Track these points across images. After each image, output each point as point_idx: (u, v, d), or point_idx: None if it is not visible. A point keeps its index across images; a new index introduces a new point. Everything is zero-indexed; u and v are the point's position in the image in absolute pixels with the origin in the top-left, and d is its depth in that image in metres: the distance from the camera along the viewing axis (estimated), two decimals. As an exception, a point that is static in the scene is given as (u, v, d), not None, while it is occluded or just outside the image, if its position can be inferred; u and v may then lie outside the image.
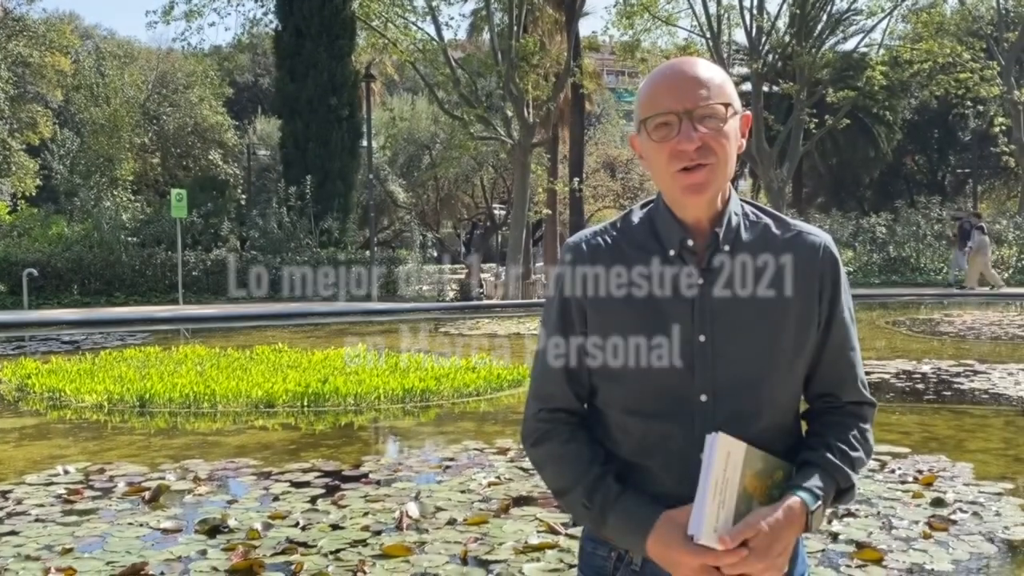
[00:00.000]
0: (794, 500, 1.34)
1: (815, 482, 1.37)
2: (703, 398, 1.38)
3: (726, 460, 1.30)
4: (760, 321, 1.40)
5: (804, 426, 1.52)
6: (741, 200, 1.48)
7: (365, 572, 3.63)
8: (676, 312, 1.40)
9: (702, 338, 1.39)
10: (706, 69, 1.40)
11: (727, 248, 1.41)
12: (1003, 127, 26.10)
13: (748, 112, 1.47)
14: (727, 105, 1.38)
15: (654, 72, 1.44)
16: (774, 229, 1.45)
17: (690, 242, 1.42)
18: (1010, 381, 8.60)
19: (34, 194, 27.40)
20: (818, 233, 1.46)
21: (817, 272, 1.42)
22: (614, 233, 1.48)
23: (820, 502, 1.36)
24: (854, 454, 1.43)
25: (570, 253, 1.49)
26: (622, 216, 1.52)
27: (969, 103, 29.73)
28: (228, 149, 32.23)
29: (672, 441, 1.39)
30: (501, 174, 33.77)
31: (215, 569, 3.69)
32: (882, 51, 27.00)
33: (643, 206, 1.51)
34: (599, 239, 1.48)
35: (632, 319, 1.41)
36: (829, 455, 1.41)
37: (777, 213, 1.49)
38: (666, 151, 1.37)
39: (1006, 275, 24.59)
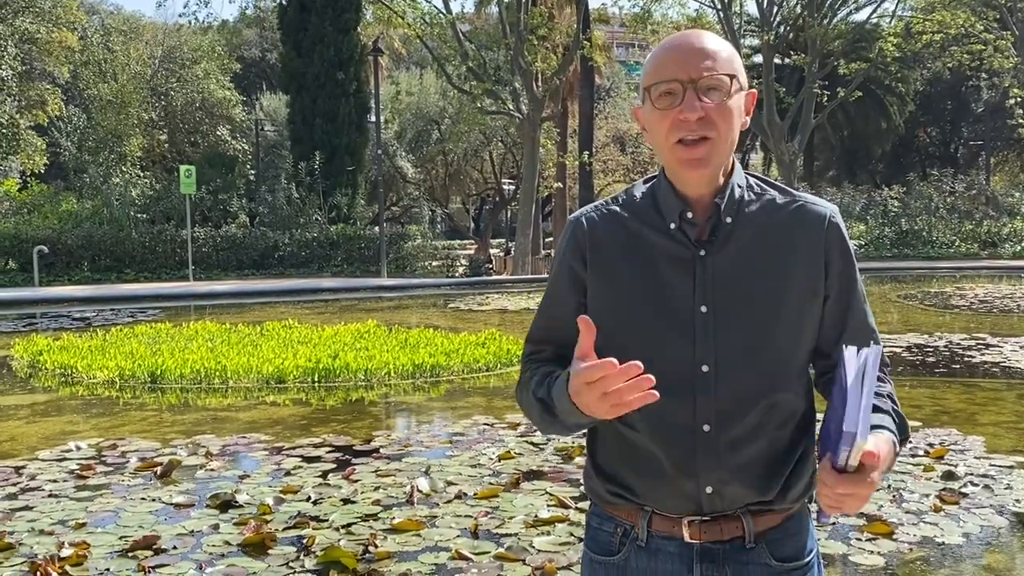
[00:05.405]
0: (887, 434, 1.32)
1: (890, 425, 1.36)
2: (704, 369, 1.37)
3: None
4: (762, 292, 1.38)
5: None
6: (746, 173, 1.46)
7: (376, 546, 3.65)
8: (677, 284, 1.39)
9: (704, 309, 1.37)
10: (714, 41, 1.38)
11: (729, 220, 1.40)
12: (1019, 98, 25.78)
13: (754, 90, 1.45)
14: (732, 77, 1.36)
15: (662, 42, 1.43)
16: (778, 200, 1.43)
17: (690, 214, 1.40)
18: (1022, 354, 8.56)
19: (43, 171, 27.42)
20: (823, 204, 1.44)
21: (822, 242, 1.40)
22: (615, 207, 1.47)
23: (898, 446, 1.35)
24: (898, 409, 1.43)
25: (571, 227, 1.48)
26: (625, 190, 1.51)
27: (983, 75, 29.36)
28: (236, 125, 32.14)
29: (673, 412, 1.37)
30: (510, 149, 33.57)
31: (227, 543, 3.72)
32: (894, 22, 26.67)
33: (646, 181, 1.51)
34: (600, 213, 1.47)
35: (633, 292, 1.40)
36: (887, 409, 1.40)
37: (782, 185, 1.47)
38: (668, 120, 1.36)
39: (1018, 248, 24.40)
